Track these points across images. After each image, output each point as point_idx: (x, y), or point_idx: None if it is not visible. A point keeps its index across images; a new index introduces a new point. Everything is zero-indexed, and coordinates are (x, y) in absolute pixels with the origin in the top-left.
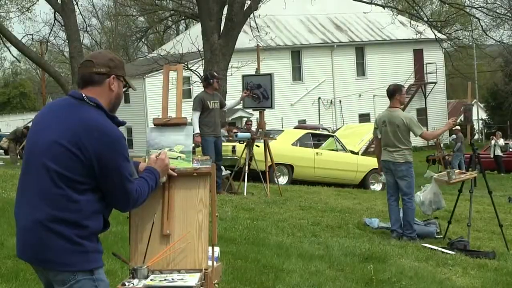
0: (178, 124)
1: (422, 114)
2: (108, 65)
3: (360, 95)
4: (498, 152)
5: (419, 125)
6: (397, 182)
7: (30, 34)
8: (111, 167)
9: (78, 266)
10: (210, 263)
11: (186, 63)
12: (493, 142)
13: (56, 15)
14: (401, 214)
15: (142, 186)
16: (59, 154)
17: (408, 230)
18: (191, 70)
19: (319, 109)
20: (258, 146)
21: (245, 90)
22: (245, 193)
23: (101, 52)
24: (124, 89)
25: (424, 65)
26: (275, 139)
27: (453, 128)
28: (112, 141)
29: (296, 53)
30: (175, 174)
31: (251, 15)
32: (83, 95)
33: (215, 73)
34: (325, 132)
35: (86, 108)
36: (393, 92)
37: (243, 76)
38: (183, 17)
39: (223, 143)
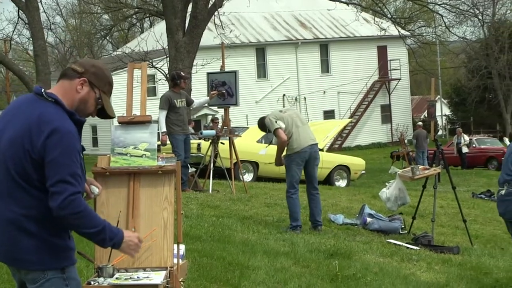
0: (143, 122)
1: (386, 110)
2: (85, 67)
3: (324, 92)
4: (466, 149)
5: (273, 135)
6: None
7: None
8: (49, 159)
9: (48, 265)
10: (175, 261)
11: (150, 61)
12: (455, 139)
13: (19, 13)
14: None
15: (85, 207)
16: (15, 153)
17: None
18: (155, 68)
19: (283, 106)
20: (223, 144)
21: (213, 91)
22: (210, 191)
23: (96, 61)
24: (98, 106)
25: (388, 62)
26: (240, 136)
27: (416, 124)
28: (55, 134)
29: (260, 50)
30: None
31: (216, 13)
32: (42, 90)
33: (182, 73)
34: None
35: (43, 104)
36: None
37: (208, 73)
38: (148, 15)
39: None
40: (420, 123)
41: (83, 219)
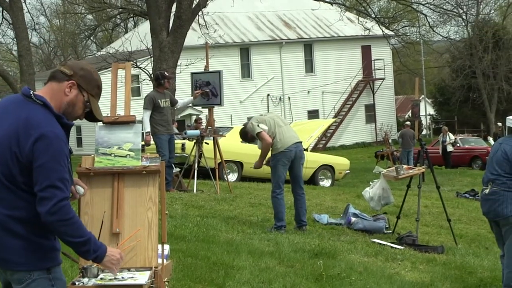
0: (127, 122)
1: (370, 110)
2: (75, 70)
3: (309, 92)
4: (450, 148)
5: (257, 133)
6: None
7: None
8: (37, 164)
9: (34, 265)
10: (160, 261)
11: (134, 61)
12: (441, 138)
13: (3, 13)
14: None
15: (74, 215)
16: (2, 154)
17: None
18: (140, 68)
19: (268, 106)
20: (208, 144)
21: (198, 90)
22: (194, 191)
23: (85, 64)
24: (86, 109)
25: (372, 62)
26: (224, 136)
27: (404, 123)
28: (44, 139)
29: (244, 50)
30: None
31: (200, 13)
32: (31, 92)
33: (166, 73)
34: None
35: (32, 106)
36: None
37: (192, 73)
38: (132, 15)
39: None
40: (408, 122)
41: (71, 226)
